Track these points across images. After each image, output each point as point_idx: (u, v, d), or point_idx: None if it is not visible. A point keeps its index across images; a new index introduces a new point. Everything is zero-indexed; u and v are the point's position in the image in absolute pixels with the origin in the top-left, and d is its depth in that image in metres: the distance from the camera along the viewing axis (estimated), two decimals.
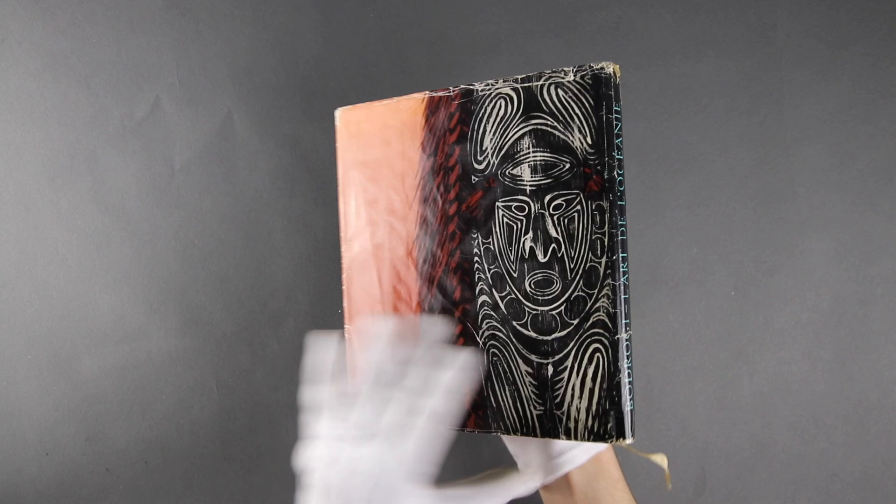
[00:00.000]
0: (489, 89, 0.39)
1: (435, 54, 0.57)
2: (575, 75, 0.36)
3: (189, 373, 0.57)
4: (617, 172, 0.36)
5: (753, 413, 0.57)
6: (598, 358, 0.37)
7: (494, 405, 0.39)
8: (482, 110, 0.39)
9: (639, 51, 0.57)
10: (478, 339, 0.39)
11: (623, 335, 0.37)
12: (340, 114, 0.43)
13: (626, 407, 0.36)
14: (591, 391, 0.37)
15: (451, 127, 0.40)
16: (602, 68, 0.36)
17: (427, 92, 0.40)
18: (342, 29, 0.57)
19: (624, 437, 0.36)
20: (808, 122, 0.57)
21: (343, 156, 0.43)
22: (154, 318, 0.57)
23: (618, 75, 0.36)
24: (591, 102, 0.36)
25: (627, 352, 0.37)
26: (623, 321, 0.37)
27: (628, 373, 0.36)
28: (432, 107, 0.40)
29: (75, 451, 0.58)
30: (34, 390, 0.58)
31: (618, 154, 0.36)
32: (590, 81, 0.36)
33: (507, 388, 0.39)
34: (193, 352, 0.57)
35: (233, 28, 0.57)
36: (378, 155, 0.42)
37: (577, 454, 0.41)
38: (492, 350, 0.39)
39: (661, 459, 0.43)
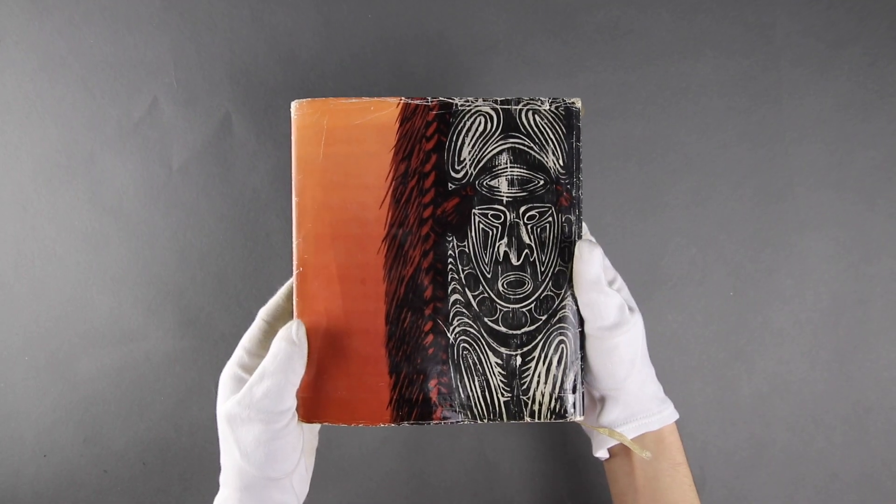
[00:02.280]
0: (469, 105, 0.42)
1: (433, 55, 0.57)
2: (550, 105, 0.42)
3: (187, 373, 0.57)
4: (581, 192, 0.42)
5: (752, 413, 0.57)
6: (562, 348, 0.42)
7: (463, 396, 0.42)
8: (461, 123, 0.42)
9: (637, 50, 0.57)
10: (448, 334, 0.42)
11: (580, 328, 0.42)
12: (297, 106, 0.42)
13: (580, 388, 0.42)
14: (556, 377, 0.42)
15: (428, 135, 0.42)
16: (573, 103, 0.42)
17: (402, 98, 0.42)
18: (340, 29, 0.57)
19: (581, 415, 0.42)
20: (806, 122, 0.57)
21: (301, 150, 0.42)
22: (152, 319, 0.57)
23: (582, 112, 0.42)
24: (564, 130, 0.42)
25: (581, 342, 0.42)
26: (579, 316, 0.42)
27: (581, 358, 0.42)
28: (407, 113, 0.42)
29: (73, 453, 0.57)
30: (32, 391, 0.57)
31: (581, 176, 0.42)
32: (563, 112, 0.42)
33: (475, 378, 0.42)
34: (191, 352, 0.57)
35: (231, 28, 0.57)
36: (343, 151, 0.42)
37: (627, 430, 0.44)
38: (462, 344, 0.42)
39: (610, 433, 0.44)
